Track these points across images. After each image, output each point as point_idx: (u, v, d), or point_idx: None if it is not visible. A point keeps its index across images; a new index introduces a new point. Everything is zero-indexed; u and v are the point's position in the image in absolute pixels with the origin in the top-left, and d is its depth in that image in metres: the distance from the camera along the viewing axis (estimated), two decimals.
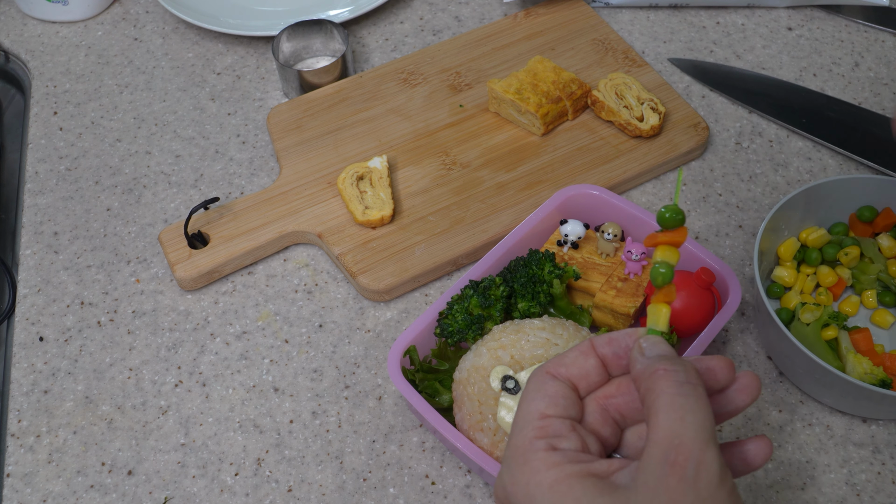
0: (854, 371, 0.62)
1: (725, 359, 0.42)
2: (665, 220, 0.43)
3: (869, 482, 0.61)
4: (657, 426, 0.38)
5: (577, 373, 0.43)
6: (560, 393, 0.42)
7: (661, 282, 0.43)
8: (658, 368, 0.39)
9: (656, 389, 0.39)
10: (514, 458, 0.41)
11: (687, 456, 0.36)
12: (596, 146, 0.80)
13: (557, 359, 0.44)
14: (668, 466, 0.36)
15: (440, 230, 0.74)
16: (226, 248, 0.74)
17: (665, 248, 0.43)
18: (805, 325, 0.65)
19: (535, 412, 0.42)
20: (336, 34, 0.88)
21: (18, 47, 0.95)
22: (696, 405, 0.38)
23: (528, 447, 0.40)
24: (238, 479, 0.63)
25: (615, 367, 0.43)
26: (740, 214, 0.77)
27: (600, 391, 0.43)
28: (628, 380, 0.43)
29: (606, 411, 0.43)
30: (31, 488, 0.64)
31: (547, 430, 0.41)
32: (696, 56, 0.90)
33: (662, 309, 0.43)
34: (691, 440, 0.37)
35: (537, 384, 0.43)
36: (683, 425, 0.37)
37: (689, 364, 0.40)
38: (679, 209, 0.43)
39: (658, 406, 0.38)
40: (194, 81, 0.90)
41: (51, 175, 0.83)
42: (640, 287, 0.65)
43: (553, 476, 0.39)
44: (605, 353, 0.43)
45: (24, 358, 0.70)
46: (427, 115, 0.83)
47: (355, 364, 0.69)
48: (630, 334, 0.43)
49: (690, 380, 0.39)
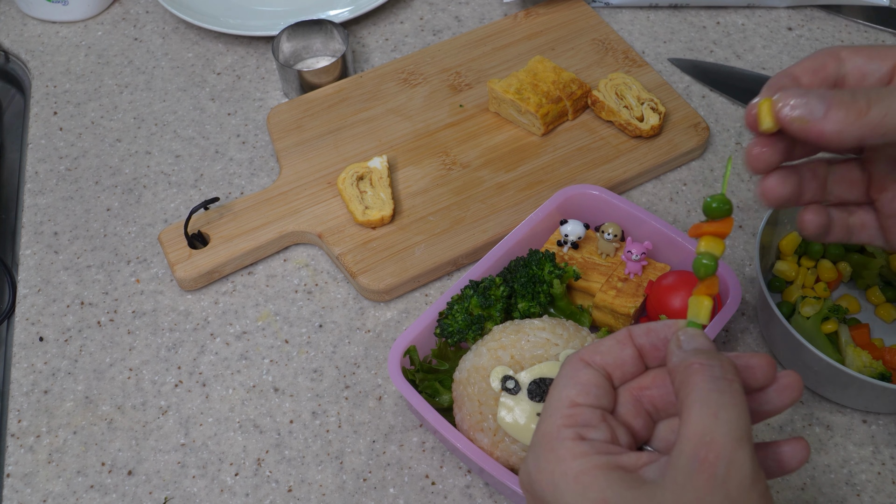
0: (853, 364, 0.62)
1: (767, 357, 0.41)
2: (712, 210, 0.42)
3: (869, 482, 0.61)
4: (689, 422, 0.36)
5: (613, 361, 0.42)
6: (593, 381, 0.41)
7: (705, 273, 0.41)
8: (694, 362, 0.38)
9: (690, 383, 0.38)
10: (541, 445, 0.40)
11: (718, 454, 0.35)
12: (596, 146, 0.80)
13: (593, 346, 0.43)
14: (698, 463, 0.35)
15: (440, 230, 0.74)
16: (226, 248, 0.74)
17: (710, 238, 0.42)
18: (805, 318, 0.65)
19: (566, 399, 0.41)
20: (336, 34, 0.88)
21: (18, 47, 0.95)
22: (732, 402, 0.37)
23: (556, 435, 0.39)
24: (238, 479, 0.63)
25: (652, 358, 0.42)
26: (740, 214, 0.77)
27: (635, 382, 0.42)
28: (664, 372, 0.42)
29: (640, 402, 0.42)
30: (31, 488, 0.64)
31: (576, 419, 0.40)
32: (696, 56, 0.90)
33: (704, 301, 0.41)
34: (723, 437, 0.35)
35: (570, 371, 0.42)
36: (716, 422, 0.36)
37: (726, 359, 0.39)
38: (727, 199, 0.42)
39: (691, 401, 0.37)
40: (194, 81, 0.90)
41: (51, 175, 0.83)
42: (641, 287, 0.65)
43: (579, 466, 0.38)
44: (642, 343, 0.42)
45: (24, 358, 0.70)
46: (427, 115, 0.83)
47: (355, 364, 0.69)
48: (669, 325, 0.42)
49: (727, 375, 0.38)
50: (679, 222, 0.76)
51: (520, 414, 0.54)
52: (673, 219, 0.77)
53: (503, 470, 0.55)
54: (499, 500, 0.62)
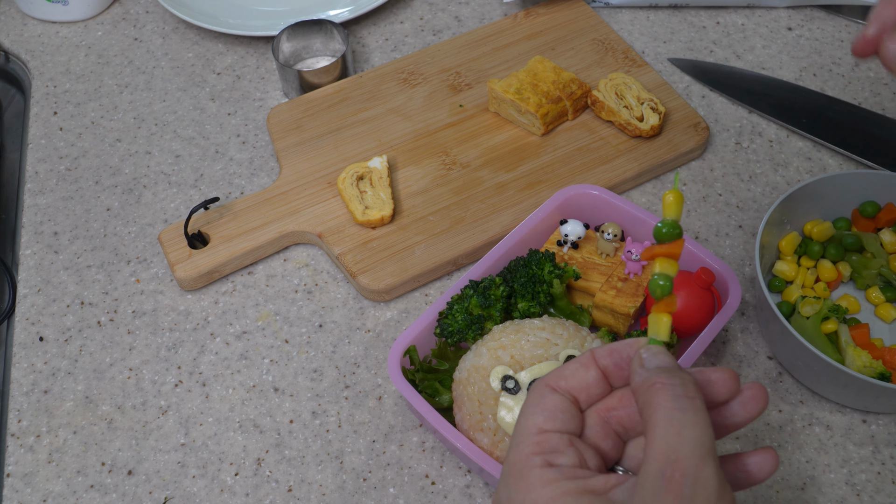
0: (853, 364, 0.62)
1: (729, 370, 0.42)
2: (662, 234, 0.43)
3: (869, 482, 0.61)
4: (654, 441, 0.37)
5: (578, 385, 0.42)
6: (559, 406, 0.42)
7: (661, 293, 0.42)
8: (656, 381, 0.39)
9: (654, 403, 0.38)
10: (511, 473, 0.40)
11: (683, 472, 0.36)
12: (596, 146, 0.80)
13: (558, 371, 0.43)
14: (665, 482, 0.36)
15: (440, 230, 0.74)
16: (226, 248, 0.74)
17: (663, 260, 0.43)
18: (805, 318, 0.65)
19: (533, 427, 0.41)
20: (336, 34, 0.88)
21: (18, 47, 0.95)
22: (694, 419, 0.37)
23: (525, 463, 0.40)
24: (238, 479, 0.63)
25: (617, 378, 0.43)
26: (740, 214, 0.77)
27: (601, 403, 0.43)
28: (630, 391, 0.42)
29: (608, 424, 0.42)
30: (31, 488, 0.64)
31: (544, 446, 0.40)
32: (696, 56, 0.90)
33: (663, 318, 0.42)
34: (688, 456, 0.36)
35: (536, 398, 0.42)
36: (680, 440, 0.36)
37: (688, 376, 0.39)
38: (675, 223, 0.42)
39: (655, 420, 0.38)
40: (194, 81, 0.90)
41: (51, 175, 0.83)
42: (640, 287, 0.65)
43: (549, 493, 0.38)
44: (606, 365, 0.43)
45: (24, 358, 0.70)
46: (427, 115, 0.83)
47: (355, 364, 0.69)
48: (631, 344, 0.42)
49: (688, 393, 0.38)
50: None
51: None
52: None
53: None
54: None
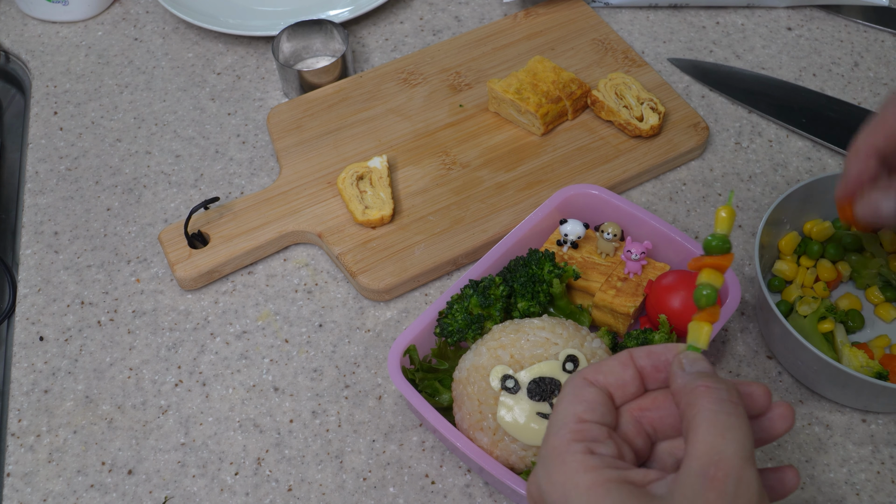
0: (850, 364, 0.63)
1: (763, 386, 0.42)
2: (711, 247, 0.43)
3: (869, 482, 0.62)
4: (697, 440, 0.38)
5: (615, 381, 0.43)
6: (597, 399, 0.42)
7: (706, 303, 0.43)
8: (700, 384, 0.40)
9: (698, 405, 0.39)
10: (551, 457, 0.41)
11: (727, 472, 0.36)
12: (596, 146, 0.80)
13: (595, 366, 0.44)
14: (708, 480, 0.36)
15: (440, 230, 0.74)
16: (226, 248, 0.74)
17: (710, 271, 0.44)
18: (802, 317, 0.65)
19: (573, 415, 0.42)
20: (336, 34, 0.88)
21: (18, 47, 0.95)
22: (738, 423, 0.38)
23: (566, 448, 0.40)
24: (238, 478, 0.64)
25: (652, 380, 0.44)
26: (740, 214, 0.77)
27: (635, 403, 0.43)
28: (664, 395, 0.43)
29: (640, 423, 0.43)
30: (32, 488, 0.64)
31: (584, 434, 0.41)
32: (696, 56, 0.90)
33: (704, 327, 0.43)
34: (731, 457, 0.37)
35: (574, 389, 0.43)
36: (724, 441, 0.37)
37: (730, 384, 0.40)
38: (725, 238, 0.43)
39: (699, 421, 0.38)
40: (194, 81, 0.90)
41: (51, 175, 0.83)
42: (640, 287, 0.65)
43: (591, 479, 0.39)
44: (643, 365, 0.43)
45: (24, 358, 0.71)
46: (427, 115, 0.83)
47: (355, 364, 0.69)
48: (670, 349, 0.43)
49: (732, 399, 0.39)
50: (679, 222, 0.76)
51: (519, 413, 0.55)
52: (672, 218, 0.77)
53: (503, 469, 0.55)
54: (498, 500, 0.62)
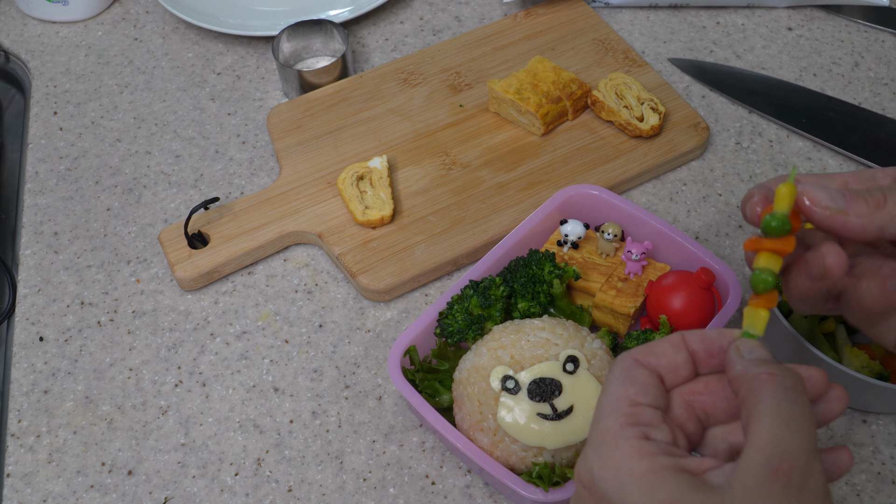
0: (850, 364, 0.63)
1: (820, 370, 0.41)
2: (770, 228, 0.41)
3: (869, 482, 0.61)
4: (760, 430, 0.36)
5: (666, 364, 0.42)
6: (650, 381, 0.41)
7: (763, 289, 0.42)
8: (763, 371, 0.38)
9: (760, 392, 0.37)
10: (604, 442, 0.39)
11: (793, 464, 0.35)
12: (596, 146, 0.80)
13: (646, 347, 0.42)
14: (772, 472, 0.35)
15: (440, 230, 0.74)
16: (226, 248, 0.74)
17: (768, 255, 0.42)
18: (803, 317, 0.65)
19: (625, 397, 0.40)
20: (336, 34, 0.88)
21: (18, 47, 0.95)
22: (803, 412, 0.37)
23: (620, 433, 0.39)
24: (238, 479, 0.63)
25: (704, 364, 0.42)
26: (740, 214, 0.77)
27: (686, 387, 0.42)
28: (717, 379, 0.42)
29: (691, 407, 0.41)
30: (31, 488, 0.64)
31: (638, 418, 0.39)
32: (696, 56, 0.90)
33: (761, 313, 0.42)
34: (798, 448, 0.35)
35: (625, 370, 0.41)
36: (790, 432, 0.36)
37: (794, 370, 0.39)
38: (786, 218, 0.41)
39: (762, 410, 0.37)
40: (194, 81, 0.90)
41: (51, 175, 0.83)
42: (640, 287, 0.65)
43: (646, 466, 0.37)
44: (696, 349, 0.42)
45: (24, 358, 0.70)
46: (427, 115, 0.83)
47: (355, 364, 0.69)
48: (725, 334, 0.42)
49: (797, 387, 0.38)
50: (679, 222, 0.76)
51: (520, 414, 0.54)
52: (673, 219, 0.77)
53: (503, 470, 0.55)
54: (499, 500, 0.62)
